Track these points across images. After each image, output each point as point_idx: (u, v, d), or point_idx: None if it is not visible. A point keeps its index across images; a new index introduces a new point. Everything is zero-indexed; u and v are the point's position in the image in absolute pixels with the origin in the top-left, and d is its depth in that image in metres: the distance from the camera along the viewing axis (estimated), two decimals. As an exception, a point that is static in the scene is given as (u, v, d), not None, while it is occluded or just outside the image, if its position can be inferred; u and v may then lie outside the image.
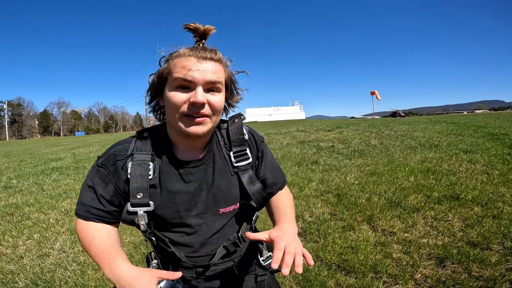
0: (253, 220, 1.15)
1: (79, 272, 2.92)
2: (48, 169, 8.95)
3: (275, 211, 1.13)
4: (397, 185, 4.74)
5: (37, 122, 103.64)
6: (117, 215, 0.98)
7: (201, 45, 0.94)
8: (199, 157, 1.00)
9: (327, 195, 4.63)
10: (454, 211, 3.60)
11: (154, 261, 1.06)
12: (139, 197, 0.91)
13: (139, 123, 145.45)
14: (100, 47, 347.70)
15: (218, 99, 0.92)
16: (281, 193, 1.18)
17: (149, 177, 0.93)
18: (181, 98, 0.87)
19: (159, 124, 1.06)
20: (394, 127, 11.70)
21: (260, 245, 1.15)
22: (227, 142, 1.06)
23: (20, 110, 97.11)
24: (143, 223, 0.93)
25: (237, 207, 1.06)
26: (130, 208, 0.92)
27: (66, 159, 10.86)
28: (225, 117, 1.08)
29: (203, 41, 0.96)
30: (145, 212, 0.93)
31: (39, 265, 3.09)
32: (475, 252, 2.69)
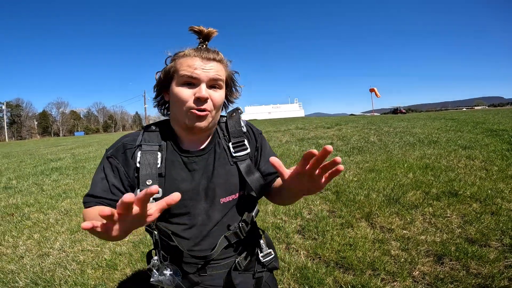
0: (253, 212, 1.17)
1: (79, 271, 2.93)
2: (47, 169, 8.95)
3: (278, 183, 1.14)
4: (396, 181, 4.74)
5: (36, 122, 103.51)
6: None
7: (205, 46, 1.03)
8: (202, 147, 1.07)
9: (325, 192, 4.64)
10: (452, 208, 3.61)
11: (155, 257, 1.07)
12: (148, 183, 0.95)
13: (138, 122, 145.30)
14: (98, 47, 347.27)
15: (219, 95, 1.00)
16: None
17: (158, 166, 0.99)
18: (186, 93, 0.96)
19: (163, 119, 1.14)
20: (393, 124, 11.69)
21: (260, 240, 1.20)
22: (226, 134, 1.13)
23: (19, 111, 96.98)
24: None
25: (236, 197, 1.09)
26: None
27: (65, 159, 10.87)
28: (224, 113, 1.16)
29: (206, 42, 1.05)
30: (154, 199, 0.93)
31: (39, 265, 3.10)
32: (474, 249, 2.69)
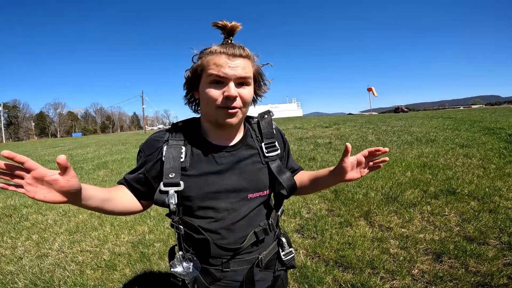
0: (279, 211, 1.22)
1: (78, 272, 2.93)
2: (45, 170, 8.90)
3: (312, 175, 1.21)
4: (394, 180, 4.76)
5: (33, 124, 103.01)
6: (146, 194, 1.09)
7: (230, 41, 1.02)
8: (232, 144, 1.10)
9: (324, 191, 4.64)
10: (450, 206, 3.63)
11: (179, 252, 1.10)
12: (171, 176, 0.99)
13: (136, 123, 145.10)
14: (95, 47, 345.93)
15: (248, 92, 1.01)
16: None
17: (181, 160, 1.02)
18: (215, 92, 0.97)
19: (192, 117, 1.18)
20: (391, 123, 11.73)
21: (282, 239, 1.23)
22: (258, 135, 1.16)
23: (16, 112, 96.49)
24: (173, 202, 0.99)
25: (264, 195, 1.13)
26: (162, 187, 1.00)
27: (63, 160, 10.82)
28: (253, 107, 1.17)
29: (231, 37, 1.03)
30: (176, 192, 1.00)
31: (38, 266, 3.09)
32: (472, 247, 2.71)
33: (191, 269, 1.06)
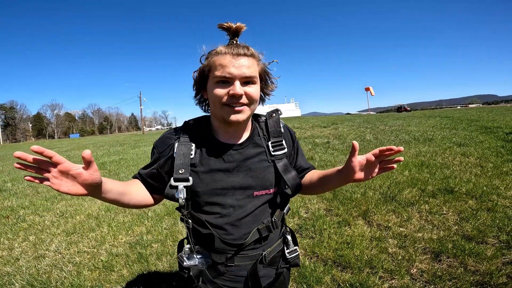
0: (285, 209, 1.24)
1: (75, 273, 2.91)
2: (42, 171, 8.88)
3: (321, 174, 1.22)
4: (392, 179, 4.77)
5: (30, 125, 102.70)
6: (158, 189, 1.14)
7: (235, 42, 1.06)
8: (240, 142, 1.13)
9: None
10: (448, 205, 3.63)
11: (187, 246, 1.13)
12: (181, 172, 1.04)
13: (134, 124, 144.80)
14: (92, 47, 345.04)
15: (254, 90, 1.04)
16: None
17: (191, 156, 1.06)
18: (221, 91, 1.00)
19: (203, 115, 1.21)
20: (388, 122, 11.76)
21: (288, 237, 1.25)
22: (265, 133, 1.19)
23: (13, 113, 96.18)
24: (182, 197, 1.03)
25: (270, 193, 1.15)
26: (172, 182, 1.05)
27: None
28: (261, 105, 1.19)
29: (236, 38, 1.07)
30: (185, 187, 1.04)
31: (35, 267, 3.07)
32: (471, 246, 2.71)
33: (198, 262, 1.09)
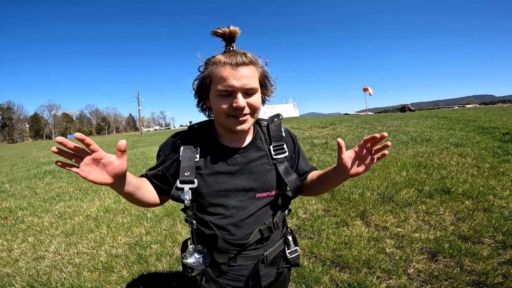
0: (286, 211, 1.27)
1: (75, 273, 2.92)
2: (40, 172, 8.87)
3: (320, 174, 1.24)
4: (389, 180, 4.80)
5: (28, 125, 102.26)
6: (163, 190, 1.17)
7: (232, 49, 1.06)
8: (243, 146, 1.16)
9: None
10: (445, 205, 3.66)
11: (191, 246, 1.16)
12: (186, 174, 1.08)
13: (132, 124, 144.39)
14: (90, 48, 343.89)
15: (256, 99, 1.06)
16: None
17: (196, 159, 1.10)
18: (224, 104, 1.02)
19: (207, 119, 1.23)
20: (386, 123, 11.80)
21: (289, 237, 1.28)
22: (267, 137, 1.22)
23: (10, 114, 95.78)
24: (187, 198, 1.07)
25: (271, 195, 1.18)
26: (178, 184, 1.08)
27: (59, 162, 10.76)
28: (262, 106, 1.20)
29: (233, 44, 1.07)
30: (190, 189, 1.08)
31: (34, 268, 3.08)
32: (467, 246, 2.73)
33: (201, 261, 1.13)
